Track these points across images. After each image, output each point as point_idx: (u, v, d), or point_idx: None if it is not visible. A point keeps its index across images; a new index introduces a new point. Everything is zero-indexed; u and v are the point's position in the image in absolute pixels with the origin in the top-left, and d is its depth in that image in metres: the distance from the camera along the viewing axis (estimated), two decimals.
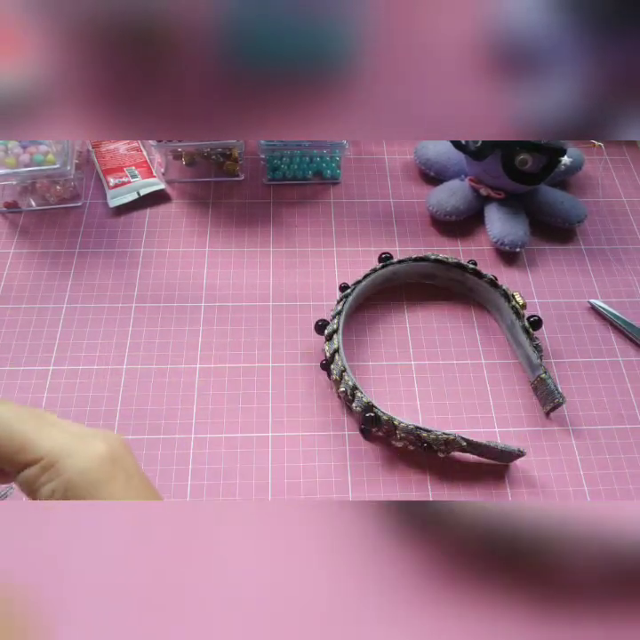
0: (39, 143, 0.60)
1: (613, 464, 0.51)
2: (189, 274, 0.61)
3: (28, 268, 0.60)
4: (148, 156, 0.68)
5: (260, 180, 0.68)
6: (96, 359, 0.55)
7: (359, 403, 0.50)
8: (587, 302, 0.61)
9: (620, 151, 0.74)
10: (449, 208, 0.64)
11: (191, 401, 0.53)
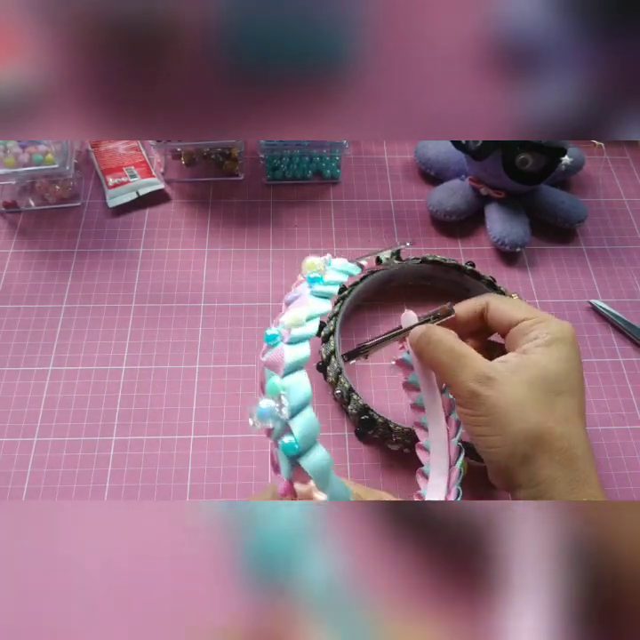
0: (38, 143, 0.60)
1: (614, 464, 0.51)
2: (189, 274, 0.61)
3: (27, 268, 0.60)
4: (147, 155, 0.68)
5: (259, 180, 0.68)
6: (95, 359, 0.55)
7: (355, 405, 0.50)
8: (587, 302, 0.60)
9: (621, 151, 0.73)
10: (449, 208, 0.64)
11: (190, 401, 0.53)
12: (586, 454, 0.37)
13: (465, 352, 0.38)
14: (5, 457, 0.49)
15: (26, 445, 0.50)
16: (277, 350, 0.30)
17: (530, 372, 0.37)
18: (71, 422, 0.51)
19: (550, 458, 0.36)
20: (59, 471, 0.49)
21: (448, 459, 0.43)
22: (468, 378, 0.37)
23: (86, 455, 0.50)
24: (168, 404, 0.53)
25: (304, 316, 0.32)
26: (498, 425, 0.36)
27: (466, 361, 0.38)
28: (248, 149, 0.68)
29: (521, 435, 0.36)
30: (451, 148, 0.66)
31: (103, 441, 0.51)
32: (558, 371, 0.38)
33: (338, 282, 0.36)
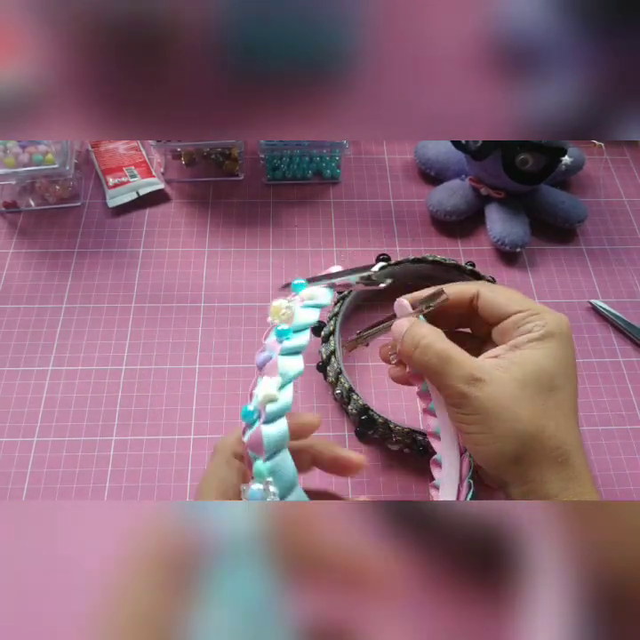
0: (38, 143, 0.60)
1: (614, 465, 0.51)
2: (188, 274, 0.61)
3: (27, 268, 0.60)
4: (147, 155, 0.68)
5: (259, 180, 0.68)
6: (95, 359, 0.55)
7: (355, 405, 0.50)
8: (587, 302, 0.60)
9: (621, 151, 0.73)
10: (449, 208, 0.64)
11: (190, 401, 0.53)
12: (578, 451, 0.36)
13: (452, 354, 0.37)
14: (5, 457, 0.49)
15: (26, 445, 0.50)
16: (256, 431, 0.29)
17: (521, 369, 0.37)
18: (71, 422, 0.51)
19: (542, 456, 0.35)
20: (59, 471, 0.49)
21: (457, 448, 0.42)
22: (457, 380, 0.36)
23: (86, 455, 0.50)
24: (168, 404, 0.53)
25: (275, 388, 0.30)
26: (487, 425, 0.36)
27: (453, 364, 0.37)
28: (248, 149, 0.68)
29: (511, 434, 0.35)
30: (451, 148, 0.66)
31: (103, 441, 0.51)
32: (551, 367, 0.37)
33: (308, 324, 0.33)
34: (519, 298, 0.40)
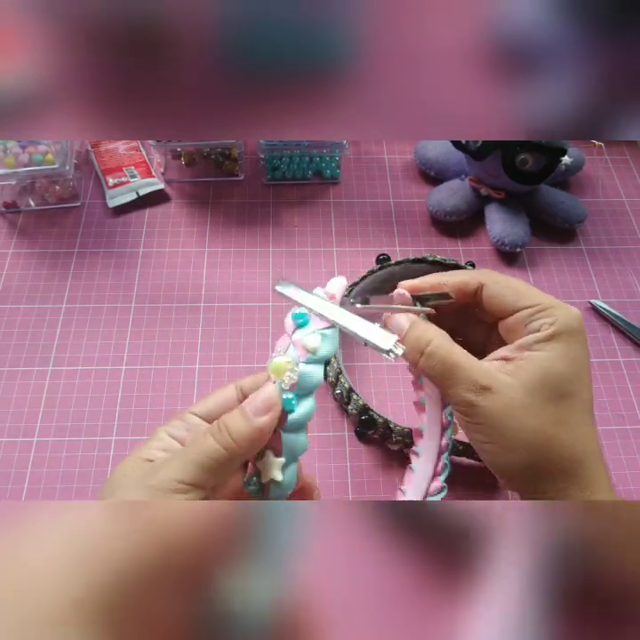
0: (38, 143, 0.60)
1: (614, 464, 0.51)
2: (188, 274, 0.61)
3: (27, 269, 0.60)
4: (147, 155, 0.68)
5: (259, 180, 0.68)
6: (95, 359, 0.55)
7: (355, 405, 0.50)
8: (587, 302, 0.60)
9: (621, 151, 0.73)
10: (449, 208, 0.64)
11: (190, 401, 0.53)
12: (594, 459, 0.34)
13: (458, 361, 0.35)
14: (5, 457, 0.49)
15: (26, 445, 0.50)
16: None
17: (530, 374, 0.34)
18: (71, 422, 0.51)
19: (553, 467, 0.34)
20: (59, 471, 0.49)
21: (440, 424, 0.41)
22: (463, 388, 0.34)
23: (86, 455, 0.50)
24: (168, 404, 0.53)
25: (279, 474, 0.30)
26: (494, 434, 0.34)
27: (460, 371, 0.35)
28: (248, 149, 0.68)
29: (519, 445, 0.34)
30: (451, 148, 0.66)
31: (103, 441, 0.51)
32: (563, 370, 0.34)
33: (313, 387, 0.31)
34: (526, 289, 0.37)
